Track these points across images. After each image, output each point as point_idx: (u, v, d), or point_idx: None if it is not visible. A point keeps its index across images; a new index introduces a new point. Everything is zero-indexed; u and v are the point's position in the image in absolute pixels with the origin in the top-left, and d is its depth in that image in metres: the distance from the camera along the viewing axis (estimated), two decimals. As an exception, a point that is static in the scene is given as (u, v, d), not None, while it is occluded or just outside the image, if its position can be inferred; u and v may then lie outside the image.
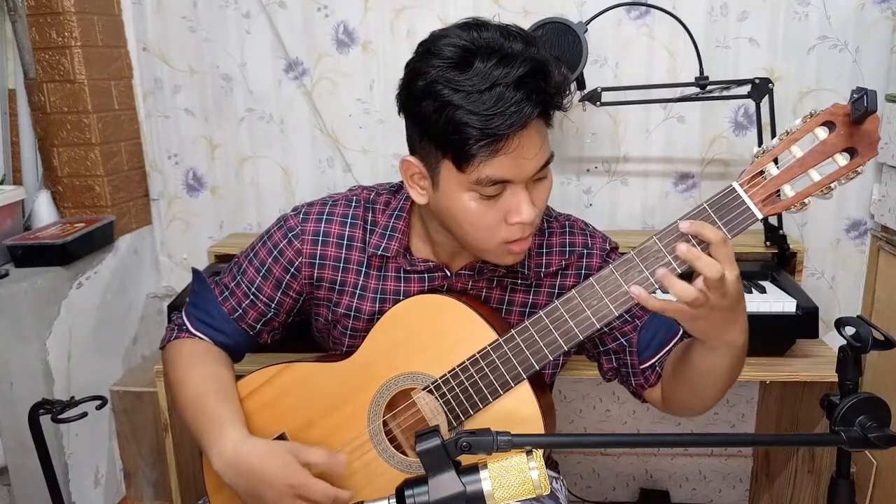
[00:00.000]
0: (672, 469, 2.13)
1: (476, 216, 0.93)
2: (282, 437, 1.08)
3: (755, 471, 2.09)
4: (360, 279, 1.10)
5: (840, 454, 0.87)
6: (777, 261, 1.73)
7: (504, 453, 0.72)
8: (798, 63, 1.81)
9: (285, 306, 1.13)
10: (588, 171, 1.95)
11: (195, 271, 1.18)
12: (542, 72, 0.88)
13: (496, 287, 1.10)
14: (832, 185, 0.88)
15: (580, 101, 1.67)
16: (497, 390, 1.00)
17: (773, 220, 1.72)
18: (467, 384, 1.00)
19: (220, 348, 1.14)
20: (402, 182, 1.09)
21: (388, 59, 1.92)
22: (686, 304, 0.87)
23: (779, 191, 0.89)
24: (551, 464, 1.34)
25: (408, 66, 0.94)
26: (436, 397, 1.02)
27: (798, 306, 1.50)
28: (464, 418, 1.02)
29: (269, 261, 1.11)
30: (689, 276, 0.88)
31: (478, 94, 0.86)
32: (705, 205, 0.90)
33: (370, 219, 1.10)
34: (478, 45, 0.88)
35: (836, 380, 0.85)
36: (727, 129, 1.88)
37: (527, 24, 1.57)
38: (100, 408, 1.39)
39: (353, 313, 1.10)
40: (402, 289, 1.09)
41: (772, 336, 1.53)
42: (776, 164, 0.89)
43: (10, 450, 1.68)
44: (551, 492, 1.15)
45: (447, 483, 0.70)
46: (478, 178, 0.90)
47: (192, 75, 1.98)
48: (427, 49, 0.91)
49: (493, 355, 0.99)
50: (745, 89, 1.62)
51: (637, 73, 1.86)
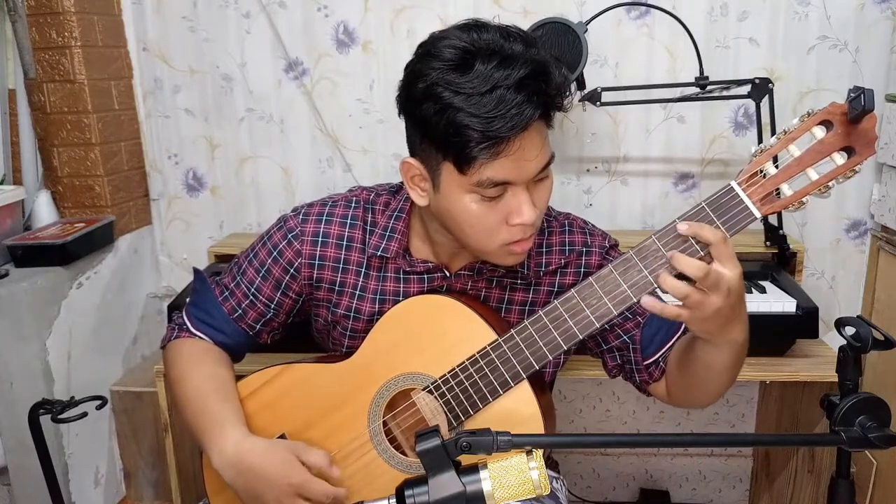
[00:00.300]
0: (672, 469, 2.13)
1: (477, 218, 0.93)
2: (282, 437, 1.07)
3: (755, 471, 2.09)
4: (360, 280, 1.10)
5: (840, 454, 0.87)
6: (777, 261, 1.73)
7: (504, 453, 0.72)
8: (798, 63, 1.81)
9: (285, 307, 1.13)
10: (588, 171, 1.95)
11: (196, 271, 1.18)
12: (542, 73, 0.88)
13: (495, 287, 1.10)
14: (830, 183, 0.88)
15: (580, 101, 1.67)
16: (497, 390, 1.00)
17: (773, 220, 1.72)
18: (467, 384, 1.00)
19: (221, 348, 1.14)
20: (401, 183, 1.09)
21: (388, 59, 1.92)
22: (681, 301, 0.87)
23: (777, 190, 0.89)
24: (551, 464, 1.34)
25: (407, 67, 0.94)
26: (435, 397, 1.02)
27: (798, 306, 1.50)
28: (464, 418, 1.02)
29: (269, 261, 1.11)
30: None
31: (478, 97, 0.86)
32: (704, 204, 0.90)
33: (370, 219, 1.10)
34: (478, 47, 0.88)
35: (836, 380, 0.85)
36: (727, 129, 1.88)
37: (527, 25, 1.57)
38: (100, 408, 1.39)
39: (352, 314, 1.10)
40: (402, 289, 1.09)
41: (772, 336, 1.53)
42: (774, 163, 0.89)
43: (10, 450, 1.68)
44: (551, 492, 1.15)
45: (447, 483, 0.70)
46: (479, 179, 0.90)
47: (192, 75, 1.99)
48: (427, 51, 0.91)
49: (493, 355, 0.99)
50: (745, 89, 1.62)
51: (637, 73, 1.86)
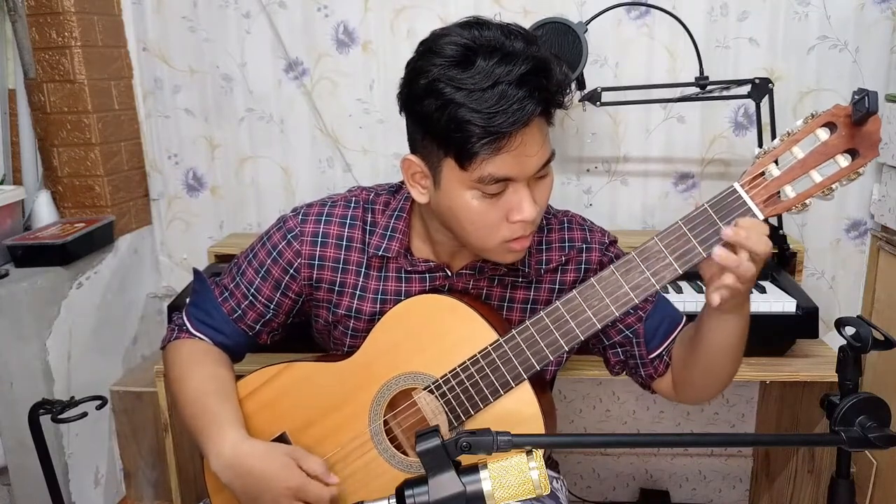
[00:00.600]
0: (672, 469, 2.13)
1: (478, 214, 0.93)
2: (282, 436, 1.07)
3: (755, 471, 2.09)
4: (360, 280, 1.09)
5: (840, 454, 0.87)
6: (777, 261, 1.73)
7: (504, 453, 0.72)
8: (798, 63, 1.81)
9: (284, 307, 1.13)
10: (588, 171, 1.95)
11: (196, 272, 1.18)
12: (543, 70, 0.88)
13: (497, 285, 1.10)
14: (833, 186, 0.88)
15: (580, 101, 1.67)
16: (498, 390, 1.00)
17: (774, 221, 1.72)
18: (468, 384, 1.00)
19: (220, 348, 1.14)
20: (401, 182, 1.09)
21: (388, 59, 1.92)
22: (734, 268, 0.87)
23: (780, 192, 0.89)
24: (551, 464, 1.34)
25: (409, 65, 0.94)
26: (436, 397, 1.02)
27: (798, 306, 1.50)
28: (464, 418, 1.02)
29: (269, 262, 1.10)
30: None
31: (480, 92, 0.86)
32: (707, 205, 0.90)
33: (369, 219, 1.10)
34: (479, 44, 0.88)
35: (836, 380, 0.85)
36: (727, 129, 1.88)
37: (527, 24, 1.55)
38: (100, 408, 1.39)
39: (353, 314, 1.10)
40: (403, 289, 1.09)
41: (772, 336, 1.53)
42: (777, 165, 0.89)
43: (10, 450, 1.68)
44: (551, 492, 1.15)
45: (447, 483, 0.70)
46: (480, 175, 0.90)
47: (192, 75, 1.98)
48: (428, 48, 0.91)
49: (494, 355, 0.99)
50: (745, 89, 1.62)
51: (637, 73, 1.86)
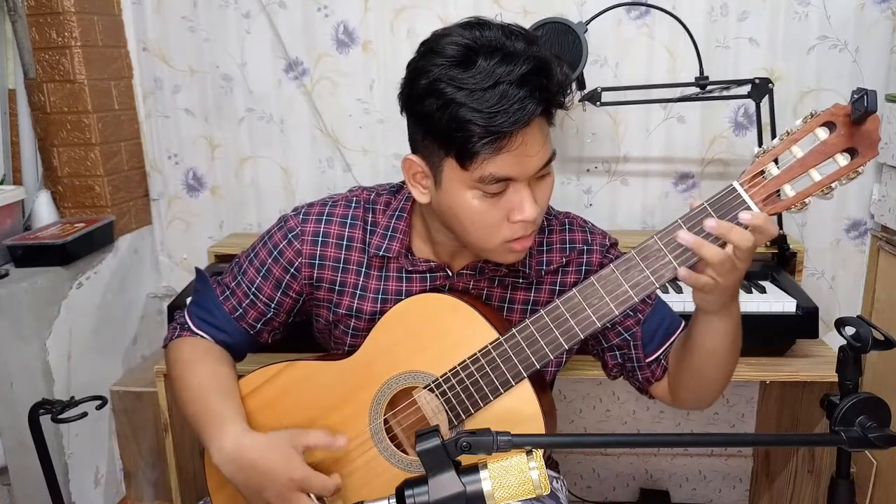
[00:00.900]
0: (672, 469, 2.13)
1: (479, 214, 0.93)
2: (282, 436, 1.07)
3: (755, 471, 2.09)
4: (360, 280, 1.10)
5: (840, 454, 0.87)
6: (777, 261, 1.73)
7: (504, 453, 0.72)
8: (798, 63, 1.81)
9: (285, 306, 1.13)
10: (588, 171, 1.95)
11: (198, 271, 1.18)
12: (544, 70, 0.88)
13: (497, 286, 1.10)
14: (833, 185, 0.88)
15: (580, 101, 1.67)
16: (498, 388, 1.00)
17: (774, 220, 1.71)
18: (468, 382, 1.00)
19: (222, 347, 1.14)
20: (402, 182, 1.09)
21: (388, 59, 1.92)
22: (716, 264, 0.88)
23: (779, 191, 0.90)
24: (551, 464, 1.34)
25: (410, 65, 0.94)
26: (437, 396, 1.02)
27: (798, 306, 1.51)
28: (465, 417, 1.02)
29: (269, 261, 1.11)
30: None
31: (481, 92, 0.86)
32: (706, 204, 0.90)
33: (370, 219, 1.10)
34: (480, 44, 0.88)
35: (836, 380, 0.85)
36: (727, 129, 1.88)
37: (527, 24, 1.55)
38: (100, 408, 1.39)
39: (354, 313, 1.10)
40: (404, 289, 1.09)
41: (772, 336, 1.53)
42: (777, 164, 0.89)
43: (10, 450, 1.68)
44: (551, 492, 1.15)
45: (447, 483, 0.70)
46: (481, 175, 0.90)
47: (192, 75, 1.99)
48: (429, 48, 0.92)
49: (494, 353, 0.99)
50: (745, 89, 1.63)
51: (637, 73, 1.86)
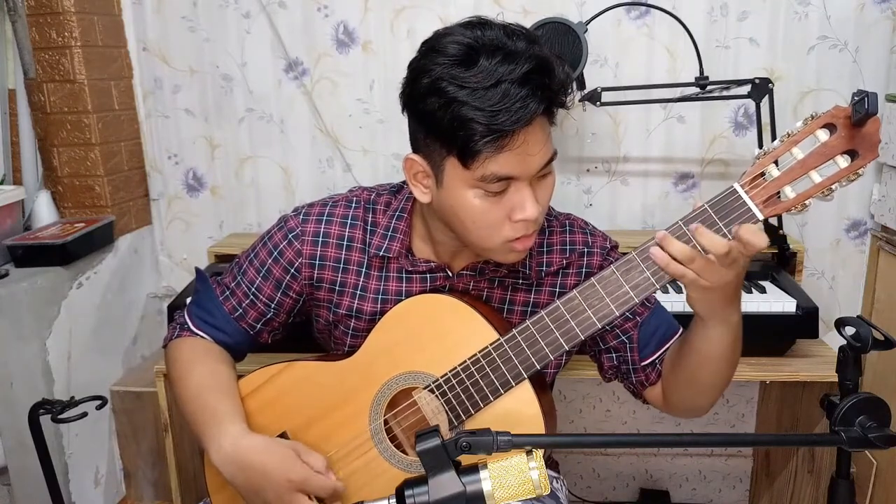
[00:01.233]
0: (672, 469, 2.14)
1: (480, 213, 0.94)
2: (283, 435, 1.07)
3: (755, 471, 2.09)
4: (361, 280, 1.10)
5: (840, 454, 0.87)
6: (777, 261, 1.73)
7: (504, 453, 0.72)
8: (798, 63, 1.81)
9: (285, 307, 1.13)
10: (588, 171, 1.95)
11: (198, 271, 1.18)
12: (546, 69, 0.89)
13: (497, 287, 1.10)
14: (833, 186, 0.88)
15: (580, 100, 1.67)
16: (498, 389, 1.00)
17: (774, 221, 1.72)
18: (468, 383, 1.00)
19: (222, 347, 1.14)
20: (402, 183, 1.09)
21: (388, 59, 1.92)
22: (718, 256, 0.87)
23: (779, 192, 0.89)
24: (551, 464, 1.34)
25: (411, 64, 0.94)
26: (437, 396, 1.02)
27: (798, 306, 1.51)
28: (465, 417, 1.02)
29: (270, 261, 1.11)
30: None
31: (483, 91, 0.86)
32: (706, 205, 0.90)
33: (370, 220, 1.10)
34: (482, 43, 0.88)
35: (836, 380, 0.85)
36: (727, 129, 1.88)
37: (527, 24, 1.54)
38: (100, 408, 1.39)
39: (354, 314, 1.10)
40: (404, 289, 1.09)
41: (772, 336, 1.53)
42: (777, 165, 0.89)
43: (10, 450, 1.68)
44: (551, 492, 1.15)
45: (447, 483, 0.70)
46: (483, 174, 0.90)
47: (192, 75, 1.98)
48: (431, 47, 0.92)
49: (494, 354, 0.99)
50: (745, 89, 1.63)
51: (637, 73, 1.86)
